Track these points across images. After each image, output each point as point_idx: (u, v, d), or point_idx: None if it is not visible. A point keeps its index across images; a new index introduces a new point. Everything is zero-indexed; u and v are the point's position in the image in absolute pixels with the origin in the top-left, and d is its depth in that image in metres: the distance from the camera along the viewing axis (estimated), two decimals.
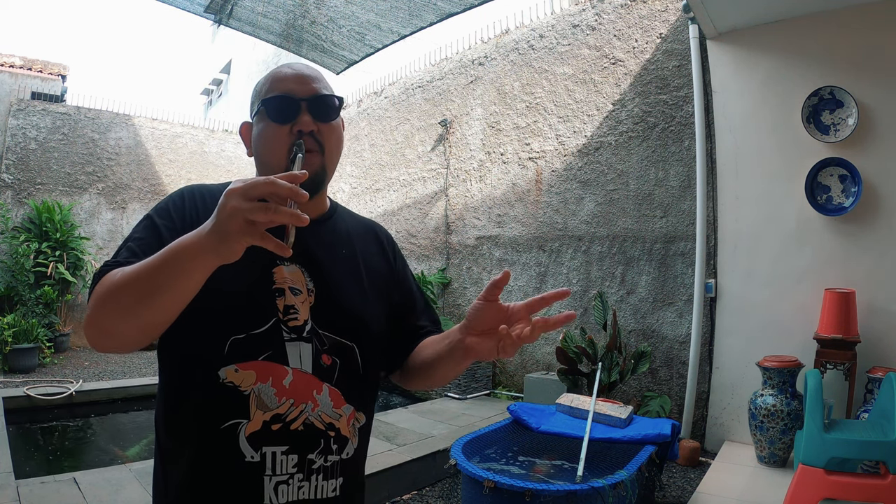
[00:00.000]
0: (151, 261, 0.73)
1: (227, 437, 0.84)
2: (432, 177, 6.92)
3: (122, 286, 0.74)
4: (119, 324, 0.75)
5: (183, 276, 0.71)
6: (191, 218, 0.90)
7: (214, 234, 0.68)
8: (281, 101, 0.95)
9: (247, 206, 0.65)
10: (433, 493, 3.32)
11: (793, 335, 3.58)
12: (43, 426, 4.39)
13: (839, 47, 3.53)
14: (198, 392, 0.86)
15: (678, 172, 4.53)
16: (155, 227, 0.88)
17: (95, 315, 0.77)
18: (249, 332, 0.87)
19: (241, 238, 0.66)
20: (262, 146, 0.96)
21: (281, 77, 0.98)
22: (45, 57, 11.86)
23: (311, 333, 0.91)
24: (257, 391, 0.85)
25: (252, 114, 1.01)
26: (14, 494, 2.63)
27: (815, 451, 2.47)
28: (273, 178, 0.65)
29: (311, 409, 0.88)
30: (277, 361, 0.87)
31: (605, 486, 2.32)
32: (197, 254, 0.69)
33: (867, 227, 3.44)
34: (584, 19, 5.29)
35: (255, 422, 0.84)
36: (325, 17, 4.94)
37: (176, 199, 0.94)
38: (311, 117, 0.94)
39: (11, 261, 7.31)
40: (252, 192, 0.65)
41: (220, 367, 0.85)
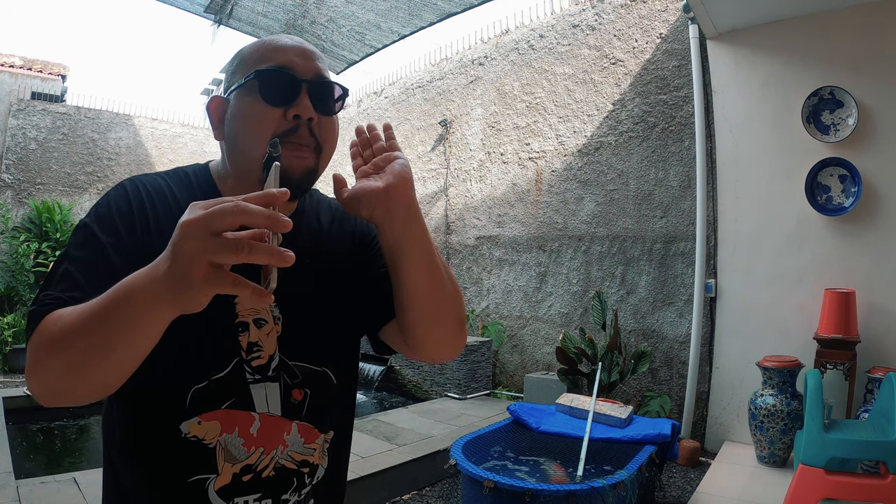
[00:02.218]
0: (97, 309, 0.58)
1: (194, 491, 0.76)
2: (432, 177, 6.92)
3: (64, 340, 0.60)
4: (65, 383, 0.61)
5: (135, 331, 0.57)
6: (141, 226, 0.75)
7: (171, 282, 0.52)
8: (279, 75, 0.76)
9: (211, 244, 0.49)
10: (433, 493, 3.32)
11: (793, 335, 3.58)
12: (43, 426, 4.39)
13: (839, 47, 3.53)
14: (158, 447, 0.76)
15: (678, 172, 4.53)
16: (98, 244, 0.72)
17: (37, 370, 0.62)
18: (211, 377, 0.76)
19: (205, 288, 0.51)
20: (242, 129, 0.78)
21: (279, 46, 0.79)
22: (45, 57, 11.85)
23: (279, 369, 0.80)
24: (223, 443, 0.76)
25: (230, 87, 0.80)
26: (14, 494, 2.62)
27: (815, 451, 2.47)
28: (242, 204, 0.50)
29: (282, 452, 0.80)
30: (242, 408, 0.77)
31: (605, 486, 2.32)
32: (151, 304, 0.55)
33: (867, 227, 3.44)
34: (584, 19, 5.29)
35: (225, 476, 0.76)
36: (325, 16, 4.94)
37: (120, 202, 0.76)
38: (311, 103, 0.77)
39: (11, 261, 7.31)
40: (216, 225, 0.50)
41: (182, 421, 0.75)
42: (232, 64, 0.83)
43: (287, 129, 0.76)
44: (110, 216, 0.75)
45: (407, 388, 5.60)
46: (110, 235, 0.73)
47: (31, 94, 8.17)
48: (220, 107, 0.82)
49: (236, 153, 0.81)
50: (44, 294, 0.68)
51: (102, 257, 0.71)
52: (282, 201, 0.53)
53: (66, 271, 0.70)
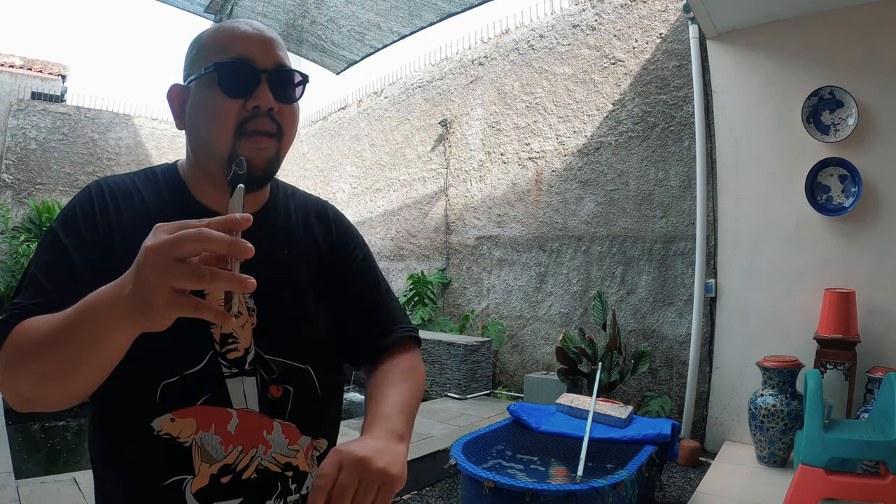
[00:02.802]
0: (64, 325, 0.59)
1: (171, 494, 0.73)
2: (432, 177, 6.92)
3: (34, 352, 0.61)
4: (37, 392, 0.63)
5: (101, 346, 0.58)
6: (104, 228, 0.75)
7: (134, 304, 0.53)
8: (238, 67, 0.75)
9: (173, 271, 0.50)
10: (433, 493, 3.32)
11: (793, 335, 3.58)
12: (43, 426, 4.39)
13: (839, 47, 3.53)
14: (132, 445, 0.73)
15: (678, 172, 4.53)
16: (62, 249, 0.72)
17: (9, 379, 0.63)
18: (183, 372, 0.73)
19: (167, 312, 0.53)
20: (203, 121, 0.78)
21: (238, 35, 0.78)
22: (45, 57, 11.84)
23: (256, 363, 0.78)
24: (199, 441, 0.73)
25: (190, 76, 0.79)
26: (14, 494, 2.62)
27: (815, 451, 2.47)
28: (205, 231, 0.50)
29: (264, 453, 0.77)
30: (218, 404, 0.74)
31: (605, 486, 2.32)
32: (114, 322, 0.56)
33: (867, 227, 3.44)
34: (584, 19, 5.29)
35: (202, 477, 0.73)
36: (325, 16, 4.94)
37: (84, 205, 0.76)
38: (271, 93, 0.76)
39: (11, 261, 7.32)
40: (178, 251, 0.50)
41: (154, 418, 0.72)
42: (191, 51, 0.82)
43: (246, 117, 0.76)
44: (74, 219, 0.75)
45: None
46: (73, 237, 0.73)
47: (31, 94, 8.18)
48: (180, 95, 0.81)
49: (199, 144, 0.81)
50: (13, 303, 0.68)
51: (64, 260, 0.72)
52: (243, 227, 0.53)
53: (33, 277, 0.71)
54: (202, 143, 0.79)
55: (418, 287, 6.46)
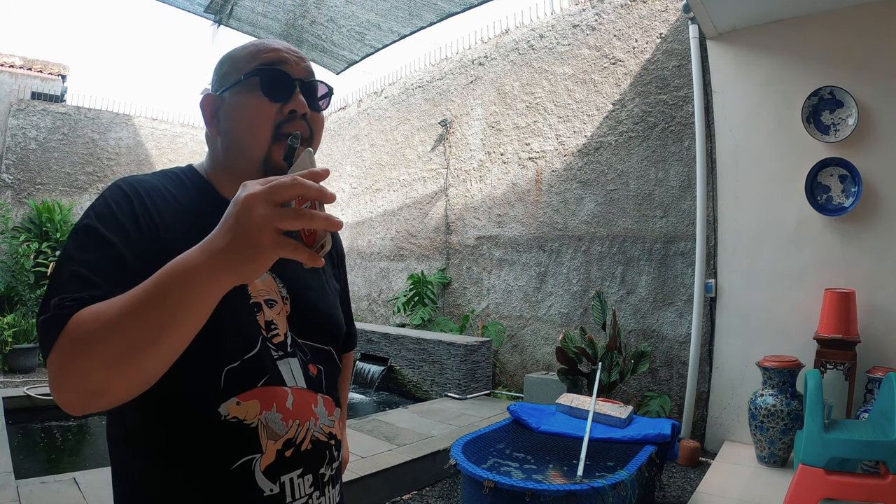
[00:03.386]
0: (146, 294, 0.58)
1: (240, 475, 0.75)
2: (432, 177, 6.92)
3: (107, 332, 0.58)
4: (111, 380, 0.59)
5: (195, 308, 0.58)
6: (146, 223, 0.75)
7: (237, 250, 0.56)
8: (277, 73, 0.82)
9: (277, 213, 0.55)
10: (433, 493, 3.32)
11: (793, 335, 3.58)
12: (43, 426, 4.39)
13: (839, 47, 3.53)
14: (198, 433, 0.75)
15: (678, 172, 4.53)
16: (106, 242, 0.71)
17: (71, 373, 0.60)
18: (242, 357, 0.77)
19: (272, 252, 0.56)
20: (241, 122, 0.82)
21: (272, 47, 0.85)
22: (45, 57, 11.85)
23: (294, 346, 0.84)
24: (264, 420, 0.77)
25: (224, 85, 0.84)
26: (14, 494, 2.62)
27: (815, 451, 2.47)
28: (299, 178, 0.56)
29: (314, 425, 0.83)
30: (275, 384, 0.80)
31: (605, 486, 2.32)
32: (211, 278, 0.57)
33: (867, 227, 3.44)
34: (584, 19, 5.29)
35: (269, 454, 0.77)
36: (325, 16, 4.94)
37: (119, 200, 0.76)
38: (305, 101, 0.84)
39: (11, 261, 7.32)
40: (278, 196, 0.55)
41: (221, 403, 0.75)
42: (223, 66, 0.87)
43: (283, 120, 0.82)
44: (112, 214, 0.73)
45: (407, 388, 5.60)
46: (118, 233, 0.72)
47: (31, 94, 8.18)
48: (212, 103, 0.86)
49: (234, 146, 0.84)
50: (58, 298, 0.64)
51: (114, 256, 0.70)
52: (324, 178, 0.59)
53: (76, 273, 0.67)
54: (238, 145, 0.83)
55: (418, 287, 6.45)
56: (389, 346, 5.82)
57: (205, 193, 0.85)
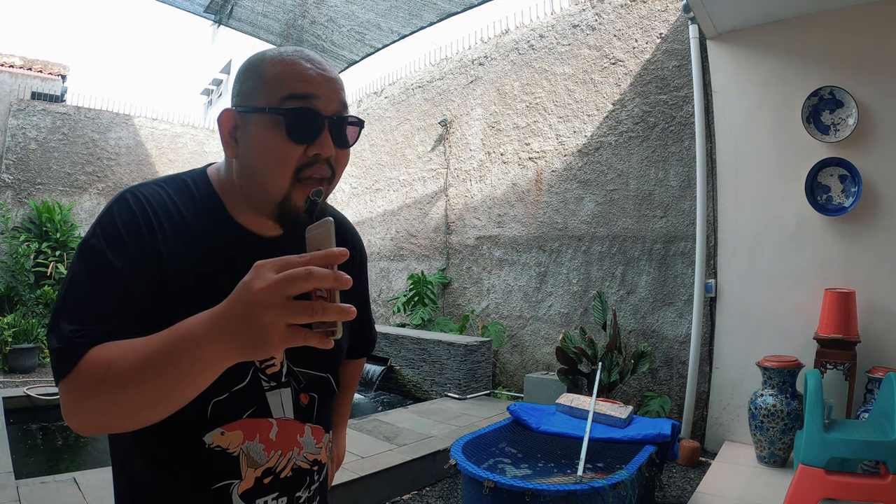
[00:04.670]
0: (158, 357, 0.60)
1: (218, 495, 0.79)
2: (432, 177, 6.92)
3: (121, 385, 0.61)
4: (122, 422, 0.64)
5: (202, 376, 0.61)
6: (152, 246, 0.74)
7: (246, 341, 0.56)
8: (305, 115, 0.75)
9: (289, 309, 0.54)
10: (433, 493, 3.32)
11: (793, 335, 3.58)
12: (43, 426, 4.39)
13: (839, 47, 3.53)
14: (181, 459, 0.78)
15: (678, 172, 4.53)
16: (112, 271, 0.70)
17: (83, 410, 0.64)
18: (231, 389, 0.78)
19: (282, 347, 0.57)
20: (261, 161, 0.77)
21: (303, 76, 0.76)
22: (45, 57, 11.85)
23: (289, 375, 0.84)
24: (246, 450, 0.79)
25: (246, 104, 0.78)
26: (14, 494, 2.62)
27: (815, 451, 2.47)
28: (313, 270, 0.54)
29: (297, 454, 0.85)
30: (261, 415, 0.81)
31: (605, 486, 2.32)
32: (218, 354, 0.59)
33: (867, 227, 3.44)
34: (584, 19, 5.29)
35: (248, 480, 0.80)
36: (325, 16, 4.94)
37: (126, 221, 0.74)
38: (332, 140, 0.77)
39: (11, 261, 7.32)
40: (291, 291, 0.54)
41: (205, 432, 0.77)
42: (248, 78, 0.79)
43: (306, 163, 0.77)
44: (119, 236, 0.73)
45: (407, 388, 5.60)
46: (122, 257, 0.71)
47: (31, 94, 8.18)
48: (232, 122, 0.79)
49: (251, 178, 0.79)
50: (71, 329, 0.66)
51: (120, 284, 0.70)
52: (342, 260, 0.57)
53: (85, 300, 0.69)
54: (257, 180, 0.78)
55: (418, 287, 6.45)
56: (389, 346, 5.82)
57: (212, 210, 0.82)
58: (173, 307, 0.70)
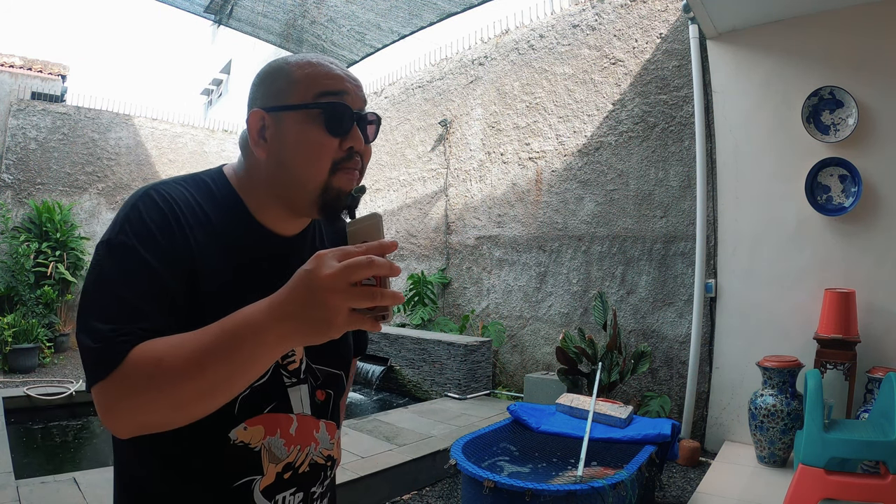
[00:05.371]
0: (214, 348, 0.61)
1: (240, 493, 0.80)
2: (432, 177, 6.92)
3: (175, 379, 0.61)
4: (175, 418, 0.64)
5: (261, 363, 0.63)
6: (182, 241, 0.74)
7: (309, 324, 0.59)
8: (342, 108, 0.79)
9: (353, 295, 0.58)
10: (433, 493, 3.32)
11: (793, 335, 3.58)
12: (43, 426, 4.39)
13: (839, 47, 3.53)
14: (205, 455, 0.78)
15: (678, 172, 4.53)
16: (148, 268, 0.70)
17: (131, 410, 0.63)
18: (253, 385, 0.79)
19: (344, 329, 0.60)
20: (299, 154, 0.78)
21: (333, 73, 0.80)
22: (45, 57, 11.85)
23: (307, 372, 0.87)
24: (267, 445, 0.81)
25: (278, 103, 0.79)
26: (14, 494, 2.62)
27: (815, 451, 2.47)
28: (373, 258, 0.59)
29: (314, 449, 0.87)
30: (282, 411, 0.83)
31: (605, 486, 2.32)
32: (279, 340, 0.61)
33: (867, 227, 3.44)
34: (584, 19, 5.29)
35: (269, 476, 0.81)
36: (325, 16, 4.94)
37: (155, 217, 0.73)
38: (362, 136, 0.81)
39: (11, 261, 7.32)
40: (354, 277, 0.58)
41: (231, 429, 0.78)
42: (274, 81, 0.81)
43: (342, 157, 0.80)
44: (150, 232, 0.72)
45: (407, 388, 5.60)
46: (157, 254, 0.71)
47: (31, 94, 8.18)
48: (262, 122, 0.80)
49: (287, 175, 0.80)
50: (109, 328, 0.65)
51: (156, 282, 0.70)
52: (393, 251, 0.62)
53: (123, 300, 0.67)
54: (293, 174, 0.80)
55: (418, 287, 6.45)
56: (389, 346, 5.82)
57: (234, 213, 0.83)
58: (203, 304, 0.73)
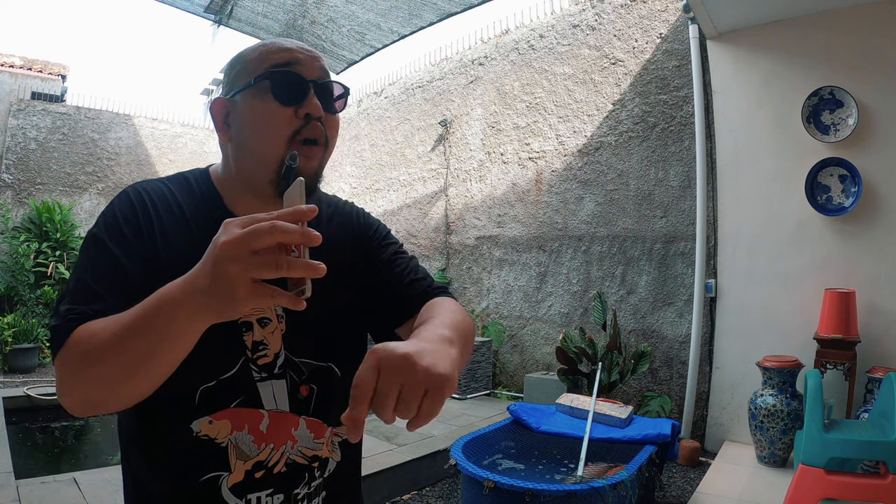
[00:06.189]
0: (134, 323, 0.61)
1: (207, 489, 0.78)
2: (432, 177, 6.92)
3: (103, 354, 0.62)
4: (107, 395, 0.63)
5: (179, 340, 0.60)
6: (148, 233, 0.77)
7: (215, 296, 0.56)
8: (291, 76, 0.78)
9: (253, 263, 0.53)
10: (433, 493, 3.32)
11: (793, 335, 3.58)
12: (43, 426, 4.39)
13: (839, 47, 3.53)
14: (170, 445, 0.78)
15: (678, 172, 4.53)
16: (110, 255, 0.73)
17: (74, 385, 0.64)
18: (219, 377, 0.78)
19: (250, 302, 0.55)
20: (255, 130, 0.79)
21: (284, 47, 0.81)
22: (45, 57, 11.86)
23: (285, 366, 0.83)
24: (234, 441, 0.78)
25: (234, 89, 0.81)
26: (14, 494, 2.62)
27: (815, 451, 2.47)
28: (278, 224, 0.53)
29: (291, 448, 0.82)
30: (250, 406, 0.80)
31: (605, 486, 2.32)
32: (192, 316, 0.58)
33: (867, 227, 3.44)
34: (584, 19, 5.29)
35: (237, 473, 0.79)
36: (325, 16, 4.94)
37: (125, 210, 0.77)
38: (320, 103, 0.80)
39: (11, 261, 7.31)
40: (255, 244, 0.53)
41: (193, 420, 0.77)
42: (233, 68, 0.84)
43: (300, 125, 0.79)
44: (117, 224, 0.76)
45: None
46: (119, 244, 0.74)
47: (31, 94, 8.17)
48: (223, 108, 0.83)
49: (247, 154, 0.81)
50: (66, 308, 0.68)
51: (116, 268, 0.73)
52: (311, 217, 0.56)
53: (83, 284, 0.71)
54: (252, 152, 0.80)
55: None
56: None
57: (210, 204, 0.84)
58: None
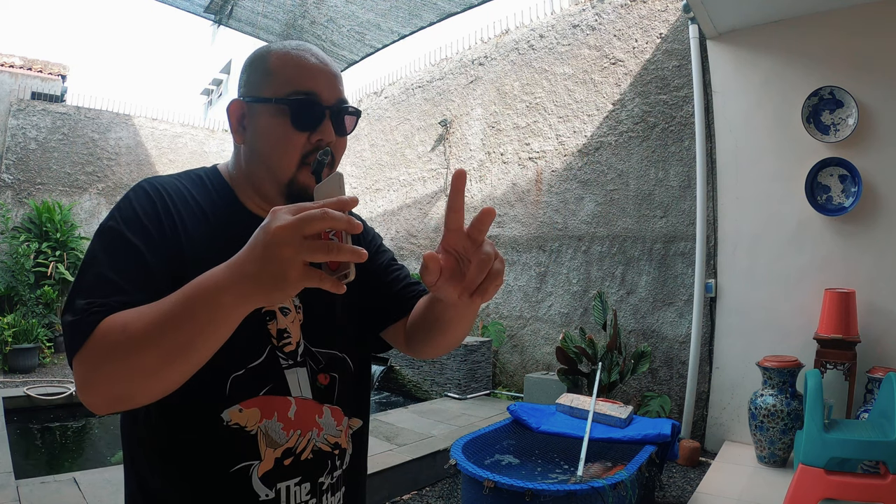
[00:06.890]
0: (176, 311, 0.61)
1: (238, 479, 0.78)
2: (432, 177, 6.92)
3: (138, 345, 0.61)
4: (137, 388, 0.62)
5: (222, 327, 0.61)
6: (169, 227, 0.77)
7: (266, 280, 0.57)
8: (308, 105, 0.81)
9: (306, 247, 0.56)
10: (433, 493, 3.32)
11: (793, 335, 3.58)
12: (43, 426, 4.39)
13: (839, 47, 3.53)
14: (199, 436, 0.78)
15: (678, 172, 4.53)
16: (131, 247, 0.72)
17: (100, 379, 0.62)
18: (248, 365, 0.79)
19: (300, 284, 0.57)
20: (268, 147, 0.82)
21: (306, 66, 0.82)
22: (45, 57, 11.86)
23: (305, 355, 0.85)
24: (264, 428, 0.79)
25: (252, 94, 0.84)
26: (14, 494, 2.62)
27: (815, 451, 2.47)
28: (328, 211, 0.56)
29: (317, 435, 0.84)
30: (279, 393, 0.81)
31: (605, 486, 2.32)
32: (237, 300, 0.59)
33: (867, 227, 3.44)
34: (584, 19, 5.29)
35: (268, 461, 0.79)
36: (325, 16, 4.94)
37: (144, 204, 0.77)
38: (332, 128, 0.83)
39: (11, 261, 7.31)
40: (308, 230, 0.56)
41: (223, 409, 0.77)
42: (255, 70, 0.84)
43: (310, 150, 0.82)
44: (137, 218, 0.75)
45: (407, 388, 5.60)
46: (141, 237, 0.74)
47: (31, 94, 8.17)
48: (241, 111, 0.85)
49: (259, 163, 0.84)
50: (86, 302, 0.66)
51: (138, 260, 0.72)
52: (353, 207, 0.60)
53: (103, 276, 0.69)
54: (264, 162, 0.84)
55: None
56: None
57: (226, 200, 0.86)
58: None
